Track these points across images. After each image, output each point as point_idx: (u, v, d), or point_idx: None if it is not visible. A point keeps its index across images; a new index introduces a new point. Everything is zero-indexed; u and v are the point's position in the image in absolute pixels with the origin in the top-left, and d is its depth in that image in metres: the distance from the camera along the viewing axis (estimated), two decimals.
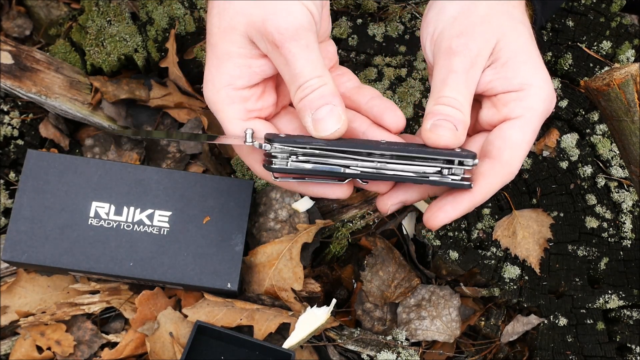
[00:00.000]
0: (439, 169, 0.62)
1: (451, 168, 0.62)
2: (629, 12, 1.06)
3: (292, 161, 0.63)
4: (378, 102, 0.67)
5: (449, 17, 0.64)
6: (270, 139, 0.63)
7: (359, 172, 0.63)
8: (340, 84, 0.70)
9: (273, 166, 0.63)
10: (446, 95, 0.63)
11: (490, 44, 0.63)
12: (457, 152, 0.62)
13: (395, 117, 0.66)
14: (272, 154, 0.63)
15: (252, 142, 0.63)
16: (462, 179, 0.62)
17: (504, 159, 0.63)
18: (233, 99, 0.64)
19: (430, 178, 0.62)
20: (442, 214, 0.64)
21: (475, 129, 0.69)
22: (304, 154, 0.62)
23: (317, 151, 0.62)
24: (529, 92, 0.64)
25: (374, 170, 0.62)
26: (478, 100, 0.68)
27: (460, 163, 0.62)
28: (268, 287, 0.94)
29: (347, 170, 0.63)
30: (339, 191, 0.66)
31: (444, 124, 0.62)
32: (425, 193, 0.67)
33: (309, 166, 0.63)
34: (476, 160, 0.62)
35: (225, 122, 0.66)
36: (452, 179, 0.62)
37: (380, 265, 0.98)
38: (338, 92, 0.63)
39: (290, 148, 0.62)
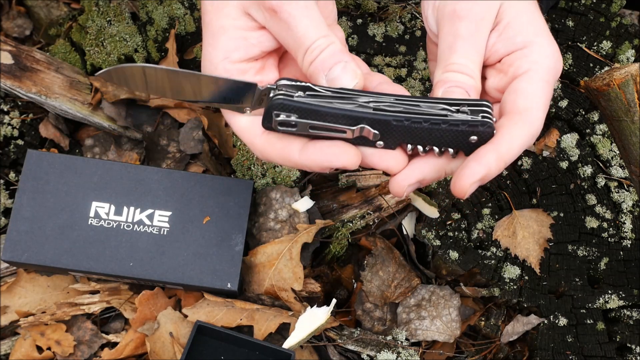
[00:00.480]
0: (457, 108, 0.58)
1: (470, 107, 0.58)
2: (630, 8, 1.06)
3: (299, 97, 0.58)
4: (387, 86, 0.64)
5: None
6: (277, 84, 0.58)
7: (377, 106, 0.58)
8: None
9: (276, 102, 0.57)
10: (455, 62, 0.61)
11: (495, 6, 0.62)
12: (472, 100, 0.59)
13: None
14: (279, 91, 0.58)
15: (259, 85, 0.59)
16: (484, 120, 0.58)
17: (520, 108, 0.60)
18: (230, 73, 0.62)
19: (453, 116, 0.57)
20: (468, 171, 0.58)
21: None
22: (312, 93, 0.58)
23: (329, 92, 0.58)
24: (533, 49, 0.62)
25: (394, 107, 0.57)
26: (482, 74, 0.66)
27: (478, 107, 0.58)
28: (268, 287, 0.94)
29: (363, 108, 0.58)
30: (345, 156, 0.60)
31: (456, 91, 0.60)
32: (442, 169, 0.62)
33: (318, 103, 0.57)
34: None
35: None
36: (473, 117, 0.57)
37: (380, 265, 0.98)
38: (347, 50, 0.60)
39: (299, 84, 0.58)
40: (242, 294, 0.95)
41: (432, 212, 0.96)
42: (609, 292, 0.94)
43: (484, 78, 0.65)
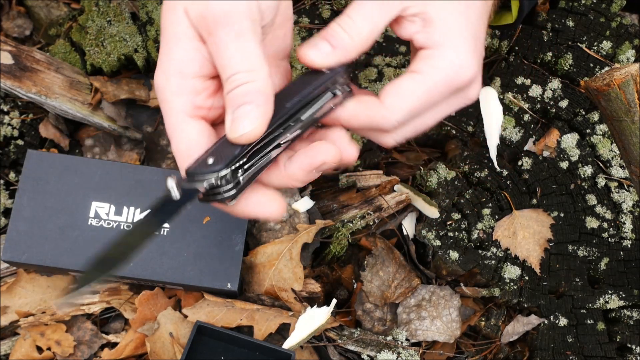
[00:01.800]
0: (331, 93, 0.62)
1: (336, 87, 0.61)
2: (629, 11, 1.06)
3: (242, 176, 0.58)
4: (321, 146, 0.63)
5: None
6: (202, 172, 0.57)
7: (290, 138, 0.60)
8: None
9: (230, 195, 0.58)
10: (347, 14, 0.61)
11: None
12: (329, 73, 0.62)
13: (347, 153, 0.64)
14: (223, 184, 0.57)
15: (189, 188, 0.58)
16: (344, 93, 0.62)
17: (382, 99, 0.61)
18: (182, 90, 0.59)
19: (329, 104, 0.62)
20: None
21: None
22: (243, 163, 0.58)
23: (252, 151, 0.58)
24: (440, 53, 0.61)
25: (300, 130, 0.60)
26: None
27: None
28: (268, 287, 0.94)
29: (281, 144, 0.60)
30: (273, 207, 0.61)
31: (320, 44, 0.61)
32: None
33: (253, 168, 0.58)
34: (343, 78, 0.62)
35: (169, 114, 0.60)
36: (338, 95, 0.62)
37: (380, 265, 0.98)
38: (269, 92, 0.58)
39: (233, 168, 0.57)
40: (242, 294, 0.95)
41: (432, 212, 0.96)
42: (609, 292, 0.94)
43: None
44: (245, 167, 0.58)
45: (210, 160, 0.57)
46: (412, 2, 0.62)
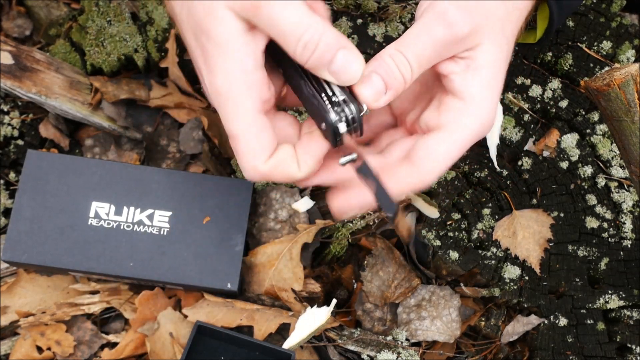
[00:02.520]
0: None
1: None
2: (629, 11, 1.06)
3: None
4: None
5: None
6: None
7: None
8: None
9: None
10: (404, 53, 0.60)
11: (479, 38, 0.60)
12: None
13: None
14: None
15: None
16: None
17: (418, 166, 0.61)
18: (250, 88, 0.58)
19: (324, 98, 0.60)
20: (337, 201, 0.63)
21: (412, 127, 0.67)
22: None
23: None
24: (469, 107, 0.61)
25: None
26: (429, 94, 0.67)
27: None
28: (268, 287, 0.94)
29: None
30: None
31: (376, 81, 0.59)
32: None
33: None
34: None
35: (240, 116, 0.59)
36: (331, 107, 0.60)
37: (380, 265, 0.98)
38: (339, 32, 0.58)
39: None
40: (242, 294, 0.95)
41: (432, 212, 0.96)
42: (609, 292, 0.94)
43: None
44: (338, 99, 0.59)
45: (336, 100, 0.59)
46: (466, 44, 0.61)
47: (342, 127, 0.59)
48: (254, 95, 0.59)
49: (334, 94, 0.59)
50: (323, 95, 0.59)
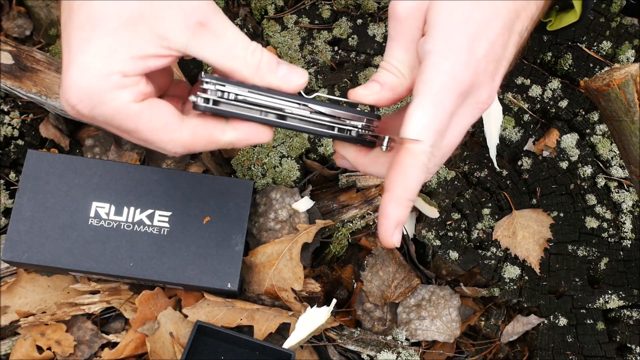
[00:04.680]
0: (341, 127, 0.66)
1: (354, 127, 0.66)
2: (628, 15, 1.06)
3: (226, 99, 0.61)
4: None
5: None
6: (215, 79, 0.60)
7: (288, 120, 0.64)
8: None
9: (204, 102, 0.61)
10: (384, 60, 0.64)
11: (422, 7, 0.60)
12: (363, 113, 0.66)
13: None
14: (205, 88, 0.60)
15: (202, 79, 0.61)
16: (365, 136, 0.66)
17: (406, 145, 0.59)
18: (124, 84, 0.57)
19: (335, 132, 0.66)
20: (382, 228, 0.62)
21: None
22: (236, 95, 0.62)
23: (252, 94, 0.62)
24: (428, 62, 0.58)
25: (302, 117, 0.64)
26: None
27: (366, 124, 0.66)
28: (268, 287, 0.95)
29: (272, 117, 0.64)
30: (263, 135, 0.65)
31: (372, 85, 0.64)
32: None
33: (242, 106, 0.62)
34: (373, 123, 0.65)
35: (119, 109, 0.58)
36: (356, 134, 0.66)
37: (380, 265, 0.98)
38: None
39: (223, 85, 0.61)
40: (242, 294, 0.95)
41: (432, 212, 0.96)
42: (609, 292, 0.94)
43: None
44: (234, 97, 0.62)
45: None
46: (414, 15, 0.61)
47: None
48: (130, 90, 0.58)
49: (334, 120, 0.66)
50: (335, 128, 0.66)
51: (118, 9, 0.56)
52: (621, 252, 0.95)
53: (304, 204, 0.97)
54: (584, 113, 1.01)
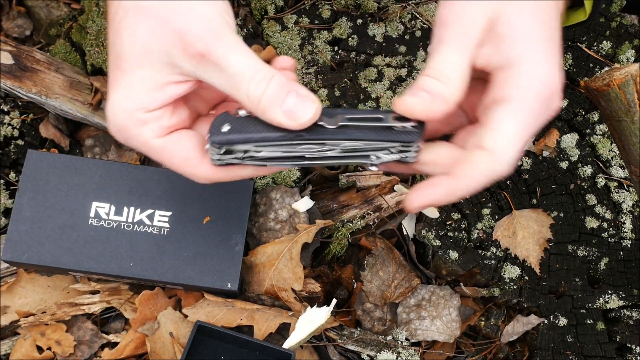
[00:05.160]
0: (379, 152, 0.59)
1: (389, 151, 0.59)
2: (629, 12, 1.06)
3: (247, 157, 0.59)
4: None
5: None
6: (220, 141, 0.58)
7: (313, 160, 0.59)
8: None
9: (223, 160, 0.60)
10: (432, 67, 0.58)
11: (485, 13, 0.57)
12: (401, 133, 0.58)
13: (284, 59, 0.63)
14: (228, 150, 0.59)
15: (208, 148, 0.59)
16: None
17: (491, 149, 0.56)
18: (146, 121, 0.60)
19: (371, 158, 0.59)
20: (419, 194, 0.58)
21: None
22: (257, 148, 0.58)
23: (272, 144, 0.58)
24: (522, 69, 0.56)
25: (326, 158, 0.59)
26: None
27: (403, 147, 0.58)
28: (268, 287, 0.95)
29: (301, 161, 0.60)
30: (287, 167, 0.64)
31: (419, 93, 0.57)
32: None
33: (264, 155, 0.59)
34: (416, 146, 0.58)
35: (144, 145, 0.61)
36: (391, 158, 0.59)
37: (380, 265, 0.98)
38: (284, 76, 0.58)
39: (245, 147, 0.58)
40: (242, 294, 0.95)
41: (432, 212, 0.96)
42: (609, 292, 0.94)
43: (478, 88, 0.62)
44: (255, 155, 0.59)
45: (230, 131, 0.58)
46: (477, 22, 0.57)
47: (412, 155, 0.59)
48: (150, 127, 0.60)
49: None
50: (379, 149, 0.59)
51: (132, 46, 0.58)
52: (621, 252, 0.95)
53: (304, 204, 0.97)
54: (584, 113, 1.01)
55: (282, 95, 0.56)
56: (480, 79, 0.61)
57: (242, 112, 0.59)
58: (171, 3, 0.57)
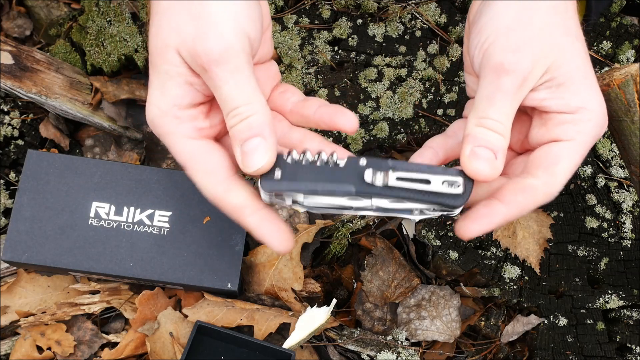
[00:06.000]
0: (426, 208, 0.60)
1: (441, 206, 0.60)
2: (628, 14, 1.06)
3: (295, 202, 0.62)
4: (326, 109, 0.65)
5: (503, 27, 0.60)
6: (271, 189, 0.60)
7: (357, 210, 0.61)
8: (285, 100, 0.69)
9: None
10: (490, 117, 0.60)
11: (546, 62, 0.60)
12: (448, 197, 0.59)
13: (347, 118, 0.64)
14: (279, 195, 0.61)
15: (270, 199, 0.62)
16: (455, 191, 0.59)
17: (546, 178, 0.60)
18: (181, 119, 0.62)
19: (415, 215, 0.62)
20: (474, 223, 0.60)
21: (522, 146, 0.67)
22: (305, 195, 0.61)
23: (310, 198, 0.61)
24: (585, 116, 0.61)
25: (371, 209, 0.61)
26: (526, 113, 0.66)
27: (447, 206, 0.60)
28: (268, 287, 0.95)
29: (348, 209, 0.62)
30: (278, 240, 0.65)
31: (483, 154, 0.59)
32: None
33: (310, 202, 0.62)
34: (459, 189, 0.59)
35: (175, 143, 0.63)
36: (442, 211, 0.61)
37: (380, 265, 0.98)
38: (270, 121, 0.60)
39: (294, 195, 0.61)
40: (242, 294, 0.95)
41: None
42: (609, 292, 0.94)
43: (529, 118, 0.66)
44: (302, 201, 0.61)
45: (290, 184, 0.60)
46: (537, 73, 0.60)
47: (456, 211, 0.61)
48: (186, 126, 0.62)
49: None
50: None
51: (156, 42, 0.61)
52: (621, 252, 0.95)
53: None
54: None
55: (246, 135, 0.59)
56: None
57: (293, 156, 0.60)
58: (203, 7, 0.59)
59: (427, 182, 0.59)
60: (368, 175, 0.58)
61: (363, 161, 0.59)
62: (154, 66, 0.62)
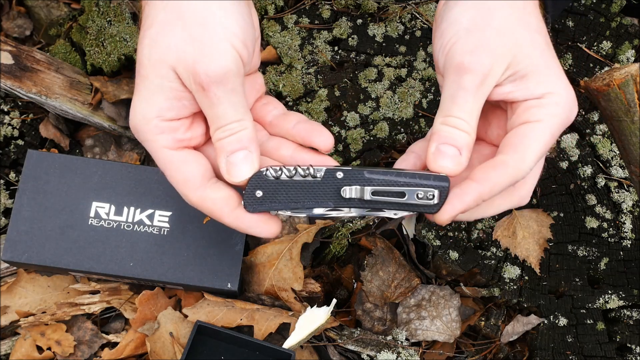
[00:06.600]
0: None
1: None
2: (628, 15, 1.06)
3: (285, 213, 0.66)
4: (304, 125, 0.68)
5: (462, 30, 0.63)
6: (254, 210, 0.65)
7: (337, 217, 0.66)
8: (267, 112, 0.71)
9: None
10: (454, 115, 0.63)
11: (505, 59, 0.62)
12: (423, 206, 0.63)
13: (323, 137, 0.67)
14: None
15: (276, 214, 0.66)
16: (429, 202, 0.63)
17: (516, 155, 0.62)
18: (162, 129, 0.65)
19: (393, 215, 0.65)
20: (449, 206, 0.63)
21: (487, 136, 0.69)
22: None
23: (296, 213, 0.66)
24: (551, 100, 0.63)
25: (350, 215, 0.66)
26: (501, 108, 0.68)
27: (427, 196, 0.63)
28: (268, 287, 0.95)
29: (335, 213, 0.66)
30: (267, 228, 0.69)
31: (448, 151, 0.62)
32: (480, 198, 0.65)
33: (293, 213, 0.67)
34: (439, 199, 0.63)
35: (155, 151, 0.66)
36: (420, 203, 0.63)
37: (380, 265, 0.98)
38: (255, 138, 0.64)
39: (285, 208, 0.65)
40: (242, 294, 0.95)
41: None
42: (609, 292, 0.94)
43: (488, 120, 0.68)
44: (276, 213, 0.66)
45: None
46: (499, 70, 0.62)
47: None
48: (165, 136, 0.65)
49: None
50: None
51: (150, 55, 0.64)
52: (621, 252, 0.95)
53: None
54: (584, 113, 1.01)
55: (234, 147, 0.64)
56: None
57: (271, 172, 0.64)
58: (204, 29, 0.61)
59: (402, 194, 0.63)
60: (344, 191, 0.63)
61: (340, 174, 0.63)
62: (143, 76, 0.64)
